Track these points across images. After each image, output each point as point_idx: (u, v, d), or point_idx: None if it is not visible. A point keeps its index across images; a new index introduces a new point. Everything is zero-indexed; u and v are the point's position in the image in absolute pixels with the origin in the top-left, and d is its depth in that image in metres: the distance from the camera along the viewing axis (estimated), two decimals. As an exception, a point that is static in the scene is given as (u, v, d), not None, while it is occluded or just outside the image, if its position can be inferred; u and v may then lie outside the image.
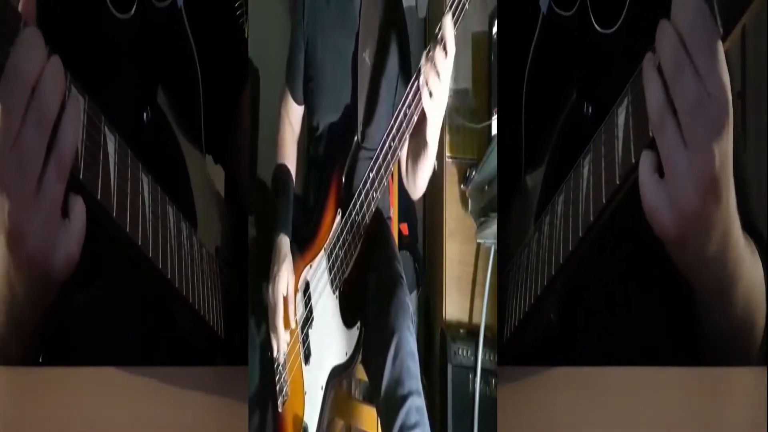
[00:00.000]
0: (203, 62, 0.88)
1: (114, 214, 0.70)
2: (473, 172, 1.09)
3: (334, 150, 0.98)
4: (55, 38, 0.67)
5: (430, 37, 1.08)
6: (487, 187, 1.03)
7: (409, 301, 0.95)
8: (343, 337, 0.95)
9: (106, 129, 0.71)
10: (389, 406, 0.87)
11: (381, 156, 0.92)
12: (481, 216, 1.04)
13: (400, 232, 1.05)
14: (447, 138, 1.15)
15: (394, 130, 0.91)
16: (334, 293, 0.95)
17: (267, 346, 0.97)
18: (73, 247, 0.68)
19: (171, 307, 0.82)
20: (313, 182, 1.02)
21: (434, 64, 0.85)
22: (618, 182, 0.68)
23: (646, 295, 0.80)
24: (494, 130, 0.98)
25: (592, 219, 0.71)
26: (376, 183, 0.93)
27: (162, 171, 0.80)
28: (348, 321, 0.95)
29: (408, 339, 0.90)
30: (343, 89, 0.97)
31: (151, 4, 0.84)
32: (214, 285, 0.89)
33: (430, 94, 0.86)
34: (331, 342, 0.95)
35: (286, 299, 0.95)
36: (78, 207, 0.68)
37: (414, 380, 0.88)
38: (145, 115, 0.83)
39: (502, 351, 0.87)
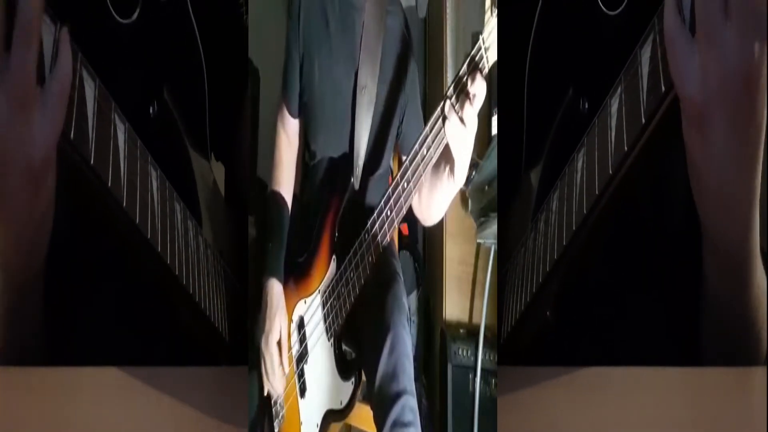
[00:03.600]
0: (208, 60, 0.87)
1: (124, 205, 0.69)
2: (473, 172, 1.09)
3: (330, 187, 0.95)
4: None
5: (430, 38, 1.08)
6: (487, 187, 1.02)
7: (405, 299, 0.94)
8: (339, 386, 0.93)
9: (116, 117, 0.70)
10: (382, 401, 0.86)
11: (386, 210, 0.87)
12: (481, 216, 1.04)
13: (400, 232, 1.05)
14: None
15: (408, 173, 0.84)
16: (329, 340, 0.93)
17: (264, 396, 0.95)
18: (51, 131, 0.60)
19: (176, 305, 0.81)
20: (310, 208, 0.98)
21: (461, 106, 0.78)
22: (611, 172, 0.67)
23: (643, 292, 0.80)
24: (494, 130, 0.98)
25: (585, 211, 0.70)
26: (371, 248, 0.88)
27: (167, 169, 0.79)
28: (343, 374, 0.93)
29: (403, 337, 0.89)
30: (341, 124, 0.94)
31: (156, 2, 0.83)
32: (218, 286, 0.88)
33: (456, 133, 0.79)
34: (327, 387, 0.94)
35: (280, 347, 0.93)
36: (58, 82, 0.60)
37: (408, 379, 0.87)
38: (151, 109, 0.82)
39: (499, 351, 0.87)
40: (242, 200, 0.94)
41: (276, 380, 0.93)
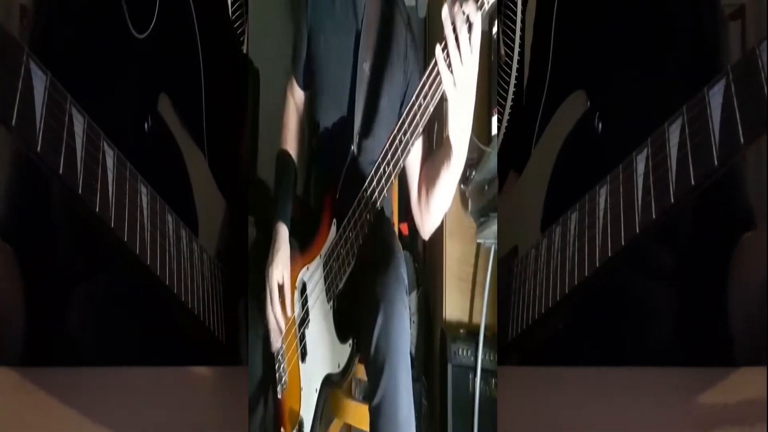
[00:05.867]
0: (207, 67, 0.89)
1: (112, 225, 0.72)
2: (473, 172, 1.09)
3: (331, 158, 0.97)
4: (59, 47, 0.69)
5: (430, 37, 1.08)
6: (487, 187, 1.02)
7: (404, 272, 0.94)
8: (337, 349, 0.95)
9: (105, 145, 0.73)
10: (375, 369, 0.87)
11: (383, 165, 0.89)
12: (481, 216, 1.04)
13: (400, 232, 1.04)
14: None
15: (406, 125, 0.85)
16: (329, 302, 0.95)
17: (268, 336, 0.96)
18: None
19: (170, 312, 0.83)
20: (313, 180, 1.00)
21: (458, 45, 0.76)
22: (638, 231, 0.71)
23: (646, 296, 0.81)
24: (494, 130, 0.97)
25: (610, 254, 0.73)
26: (369, 205, 0.90)
27: (164, 181, 0.81)
28: (341, 336, 0.94)
29: (400, 309, 0.90)
30: (343, 97, 0.96)
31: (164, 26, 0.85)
32: (215, 290, 0.89)
33: (453, 77, 0.77)
34: (326, 349, 0.95)
35: (281, 287, 0.94)
36: None
37: (404, 357, 0.87)
38: (146, 124, 0.85)
39: (506, 351, 0.88)
40: (241, 199, 0.95)
41: (273, 321, 0.94)
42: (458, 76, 0.77)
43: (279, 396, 0.95)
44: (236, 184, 0.97)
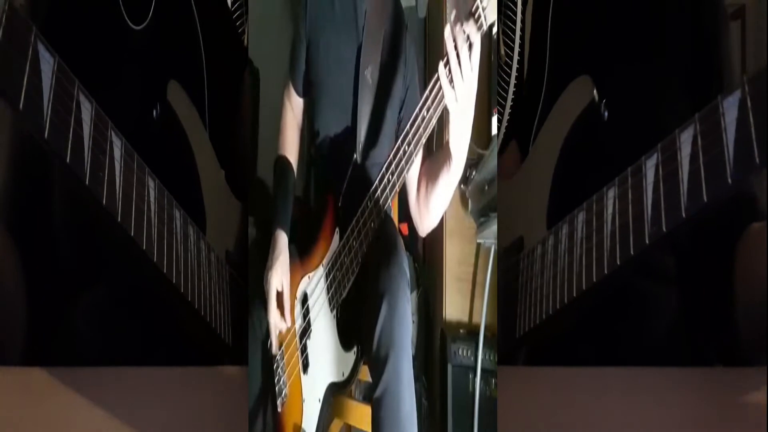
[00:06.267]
0: (209, 61, 0.88)
1: (119, 219, 0.71)
2: (473, 172, 1.09)
3: (332, 166, 0.96)
4: (66, 35, 0.68)
5: (430, 37, 1.08)
6: (487, 187, 1.02)
7: (406, 265, 0.94)
8: (341, 357, 0.94)
9: (113, 135, 0.72)
10: (377, 365, 0.87)
11: (387, 175, 0.89)
12: (481, 216, 1.04)
13: (400, 231, 1.05)
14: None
15: (410, 136, 0.86)
16: (332, 312, 0.94)
17: (267, 343, 0.96)
18: None
19: (176, 311, 0.82)
20: (313, 187, 1.00)
21: (459, 62, 0.78)
22: (647, 242, 0.69)
23: (649, 298, 0.81)
24: (494, 130, 0.98)
25: (618, 263, 0.72)
26: (374, 213, 0.90)
27: (171, 172, 0.81)
28: (345, 343, 0.94)
29: (403, 302, 0.89)
30: (344, 104, 0.95)
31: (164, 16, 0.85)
32: (222, 290, 0.89)
33: (454, 92, 0.79)
34: (329, 359, 0.94)
35: (280, 295, 0.94)
36: None
37: (406, 349, 0.87)
38: (154, 112, 0.84)
39: (514, 346, 0.88)
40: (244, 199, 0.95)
41: (273, 330, 0.94)
42: (459, 91, 0.79)
43: (279, 410, 0.95)
44: (238, 181, 0.97)
